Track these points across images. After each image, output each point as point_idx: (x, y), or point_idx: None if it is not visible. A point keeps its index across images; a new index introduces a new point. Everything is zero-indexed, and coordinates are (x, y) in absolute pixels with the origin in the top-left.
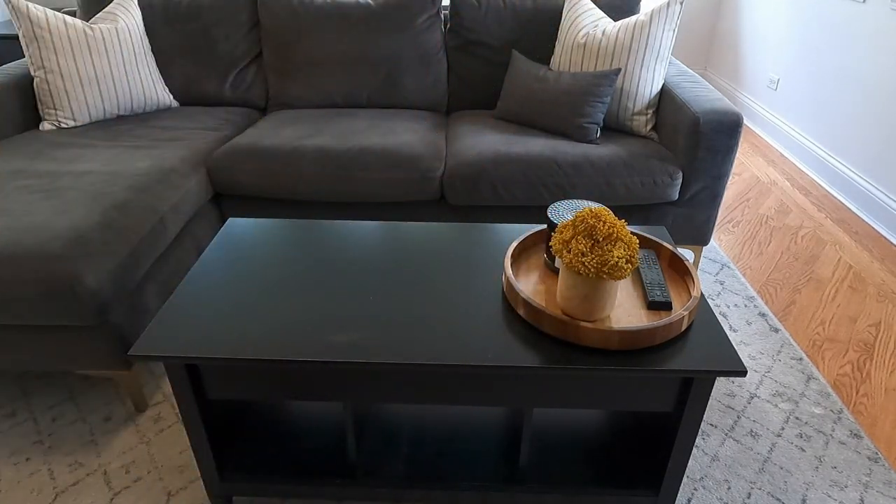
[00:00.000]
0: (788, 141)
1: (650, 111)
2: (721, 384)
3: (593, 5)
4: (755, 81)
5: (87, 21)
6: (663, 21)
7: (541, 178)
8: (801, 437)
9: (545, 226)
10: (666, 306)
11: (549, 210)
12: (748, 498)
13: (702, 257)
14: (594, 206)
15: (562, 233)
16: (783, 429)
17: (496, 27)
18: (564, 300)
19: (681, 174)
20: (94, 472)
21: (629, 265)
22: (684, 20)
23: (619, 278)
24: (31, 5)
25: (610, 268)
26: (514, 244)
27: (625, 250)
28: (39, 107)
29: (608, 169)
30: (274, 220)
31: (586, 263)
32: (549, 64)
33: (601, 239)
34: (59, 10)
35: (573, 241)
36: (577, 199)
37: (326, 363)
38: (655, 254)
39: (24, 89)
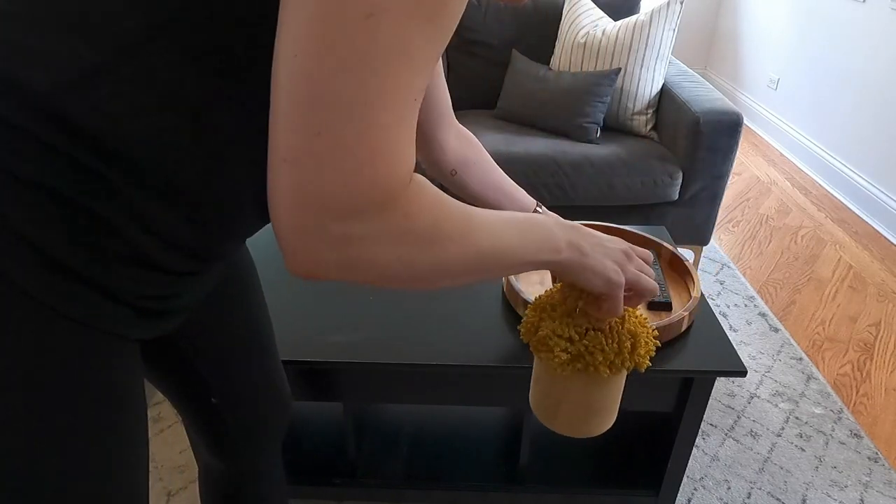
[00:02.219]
0: (788, 140)
1: (650, 111)
2: (721, 384)
3: (593, 5)
4: (755, 81)
5: None
6: (663, 21)
7: (541, 178)
8: (801, 437)
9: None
10: (666, 306)
11: None
12: (748, 498)
13: (702, 257)
14: None
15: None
16: (783, 429)
17: (496, 27)
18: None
19: (681, 174)
20: None
21: (571, 359)
22: (684, 20)
23: (551, 365)
24: None
25: (537, 342)
26: None
27: (573, 331)
28: None
29: (608, 169)
30: None
31: (527, 321)
32: (549, 64)
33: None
34: None
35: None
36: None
37: (326, 363)
38: (655, 254)
39: None
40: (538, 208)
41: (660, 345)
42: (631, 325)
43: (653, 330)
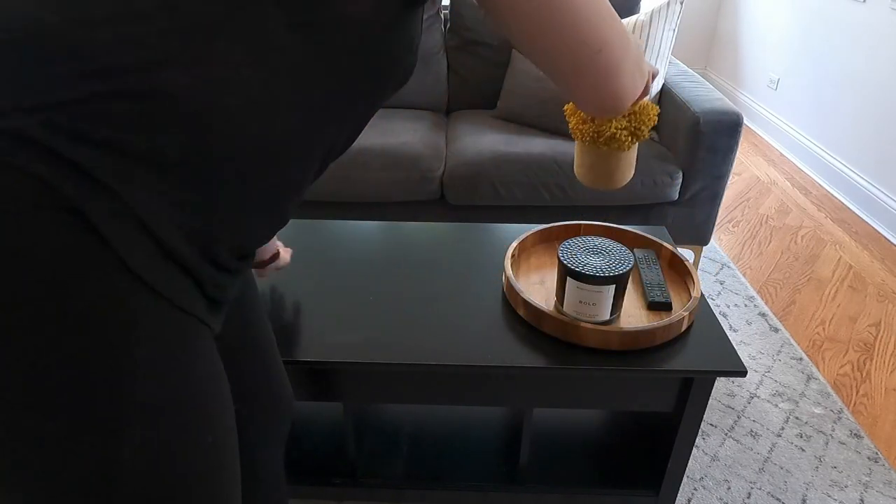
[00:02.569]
0: (788, 141)
1: None
2: (721, 384)
3: None
4: (755, 81)
5: None
6: (663, 21)
7: (541, 178)
8: (801, 437)
9: (545, 226)
10: (666, 307)
11: (560, 248)
12: (748, 498)
13: (702, 257)
14: (611, 243)
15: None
16: (783, 429)
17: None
18: (576, 167)
19: (681, 174)
20: None
21: (631, 137)
22: (684, 20)
23: (619, 149)
24: None
25: (606, 139)
26: (514, 244)
27: (629, 122)
28: None
29: None
30: None
31: (584, 131)
32: None
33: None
34: None
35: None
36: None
37: (326, 363)
38: (655, 254)
39: None
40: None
41: (659, 109)
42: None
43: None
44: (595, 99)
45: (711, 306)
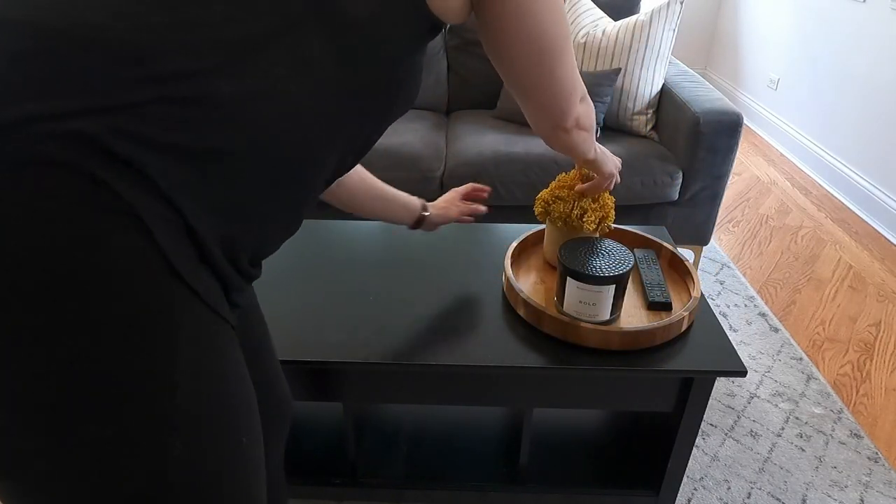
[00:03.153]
0: (788, 141)
1: (650, 111)
2: (721, 384)
3: (593, 5)
4: (755, 81)
5: None
6: (663, 21)
7: (541, 178)
8: (801, 437)
9: (545, 226)
10: (666, 307)
11: (560, 248)
12: (748, 498)
13: (702, 257)
14: (611, 243)
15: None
16: (783, 429)
17: None
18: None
19: (681, 174)
20: None
21: (559, 218)
22: (684, 20)
23: (542, 222)
24: None
25: (547, 216)
26: (514, 244)
27: (564, 208)
28: None
29: None
30: None
31: (538, 204)
32: None
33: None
34: None
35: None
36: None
37: (326, 363)
38: (655, 254)
39: None
40: (424, 211)
41: (611, 227)
42: (604, 200)
43: (611, 208)
44: (553, 122)
45: (711, 306)
